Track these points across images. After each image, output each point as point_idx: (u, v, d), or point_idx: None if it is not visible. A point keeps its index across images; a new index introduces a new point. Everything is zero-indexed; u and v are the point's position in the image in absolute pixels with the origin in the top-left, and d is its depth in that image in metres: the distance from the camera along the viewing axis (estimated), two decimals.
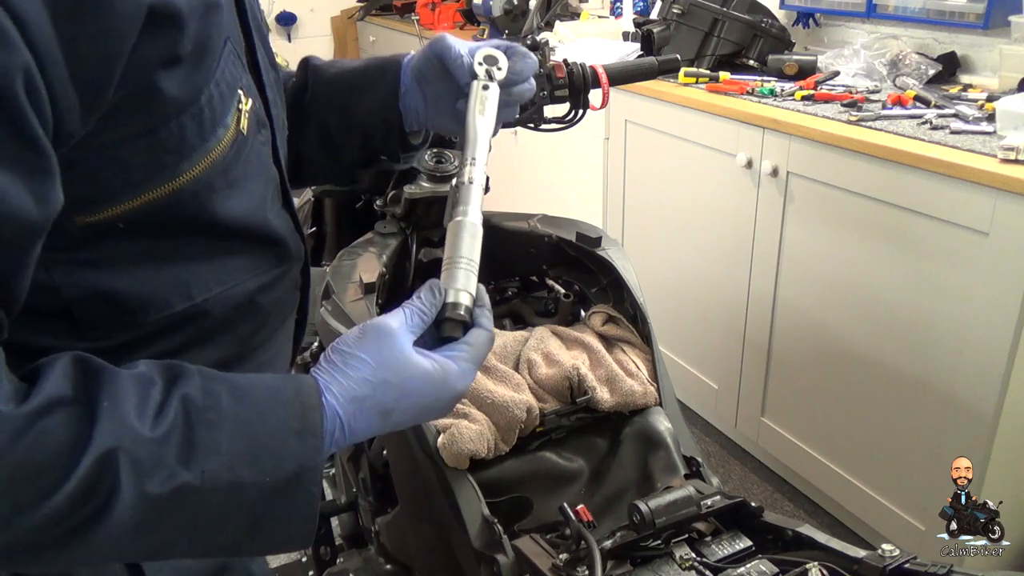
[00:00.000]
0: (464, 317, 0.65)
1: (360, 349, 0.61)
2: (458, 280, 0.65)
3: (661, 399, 1.09)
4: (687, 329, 2.44)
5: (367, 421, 0.61)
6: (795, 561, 0.78)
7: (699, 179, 2.25)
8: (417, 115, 0.85)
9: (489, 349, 0.66)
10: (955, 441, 1.68)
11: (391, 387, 0.61)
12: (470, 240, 0.67)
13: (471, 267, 0.67)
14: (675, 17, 2.40)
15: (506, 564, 0.87)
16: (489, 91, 0.74)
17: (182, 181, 0.59)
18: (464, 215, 0.68)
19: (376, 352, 0.61)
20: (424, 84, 0.82)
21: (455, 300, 0.65)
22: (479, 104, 0.73)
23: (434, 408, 0.64)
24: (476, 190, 0.69)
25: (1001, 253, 1.52)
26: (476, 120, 0.73)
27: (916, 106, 1.91)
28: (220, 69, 0.60)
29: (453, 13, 3.84)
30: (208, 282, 0.66)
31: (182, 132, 0.57)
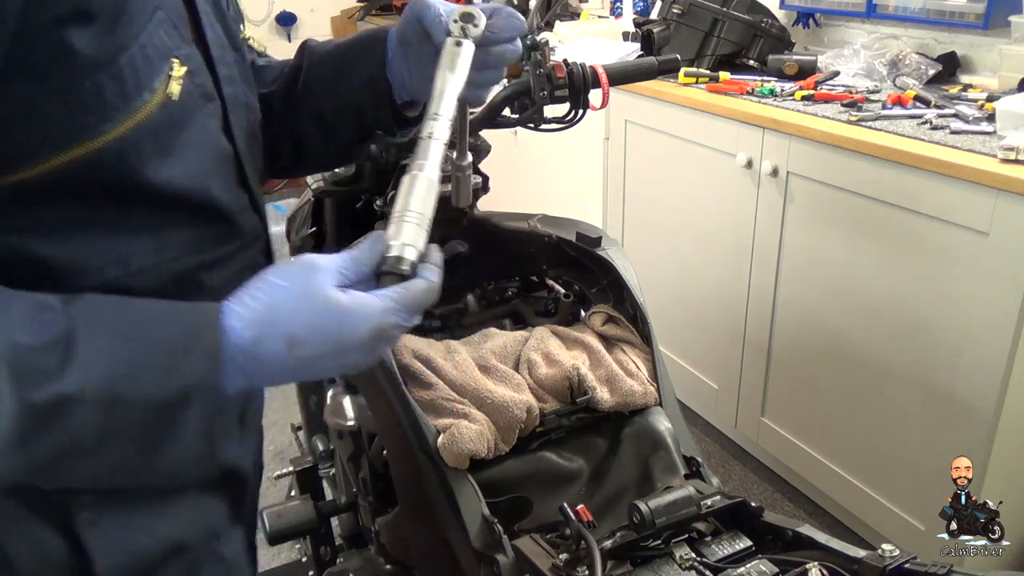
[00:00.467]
0: (406, 271, 0.61)
1: (277, 275, 0.59)
2: (405, 233, 0.61)
3: (661, 399, 1.09)
4: (687, 329, 2.44)
5: (272, 349, 0.57)
6: (795, 561, 0.78)
7: (699, 179, 2.25)
8: (404, 84, 0.82)
9: (427, 300, 0.61)
10: (955, 441, 1.68)
11: (300, 315, 0.57)
12: (424, 194, 0.63)
13: (422, 222, 0.63)
14: (675, 17, 2.40)
15: (506, 564, 0.87)
16: (462, 48, 0.70)
17: (104, 140, 0.59)
18: (420, 169, 0.64)
19: (292, 279, 0.58)
20: (408, 49, 0.79)
21: (399, 254, 0.61)
22: (447, 59, 0.70)
23: (349, 345, 0.58)
24: (436, 145, 0.66)
25: (1001, 253, 1.52)
26: (444, 75, 0.69)
27: (916, 106, 1.91)
28: (147, 34, 0.60)
29: None
30: (144, 253, 0.65)
31: (100, 91, 0.58)
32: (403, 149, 1.32)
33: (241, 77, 0.77)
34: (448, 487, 0.95)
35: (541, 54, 1.23)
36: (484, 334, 1.19)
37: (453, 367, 1.07)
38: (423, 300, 0.61)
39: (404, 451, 1.02)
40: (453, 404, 1.01)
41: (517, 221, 1.34)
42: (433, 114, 0.67)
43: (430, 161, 0.65)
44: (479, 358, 1.11)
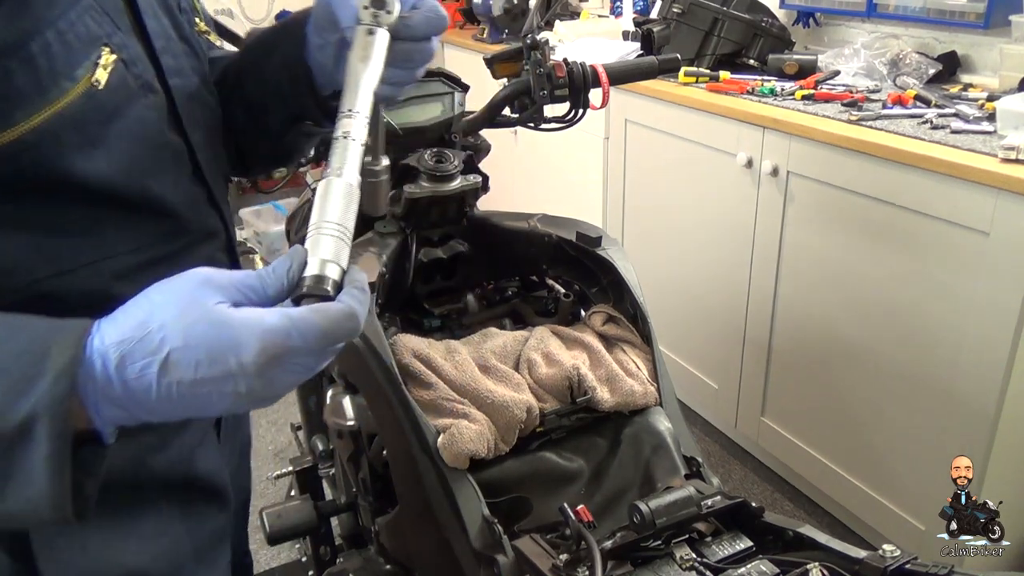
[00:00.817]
0: (328, 293, 0.52)
1: (158, 289, 0.51)
2: (325, 249, 0.53)
3: (661, 399, 1.09)
4: (687, 329, 2.44)
5: (141, 372, 0.48)
6: (796, 562, 0.78)
7: (699, 179, 2.25)
8: (321, 70, 0.75)
9: (344, 330, 0.51)
10: (955, 441, 1.68)
11: (174, 332, 0.48)
12: (343, 202, 0.55)
13: (343, 235, 0.54)
14: (675, 16, 2.39)
15: (506, 564, 0.87)
16: (375, 37, 0.63)
17: (20, 131, 0.56)
18: (338, 173, 0.57)
19: (173, 294, 0.50)
20: (320, 33, 0.73)
21: (319, 272, 0.52)
22: (360, 49, 0.63)
23: (233, 368, 0.48)
24: (354, 146, 0.59)
25: (1001, 253, 1.52)
26: (356, 66, 0.62)
27: (916, 106, 1.91)
28: (67, 20, 0.57)
29: (453, 12, 3.83)
30: (78, 251, 0.62)
31: (9, 77, 0.55)
32: (402, 148, 1.32)
33: (193, 70, 0.74)
34: (448, 487, 0.95)
35: (541, 53, 1.23)
36: (484, 334, 1.19)
37: (453, 367, 1.07)
38: (336, 329, 0.50)
39: (404, 451, 1.02)
40: (453, 404, 1.01)
41: (517, 221, 1.34)
42: (347, 111, 0.60)
43: (348, 164, 0.57)
44: (479, 358, 1.11)
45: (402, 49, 0.66)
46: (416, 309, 1.33)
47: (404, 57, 0.67)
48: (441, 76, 1.36)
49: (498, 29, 3.34)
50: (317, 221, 0.54)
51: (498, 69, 1.31)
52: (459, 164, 1.26)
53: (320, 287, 0.52)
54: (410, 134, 1.31)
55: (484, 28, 3.45)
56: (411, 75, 0.70)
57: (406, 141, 1.31)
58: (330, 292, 0.52)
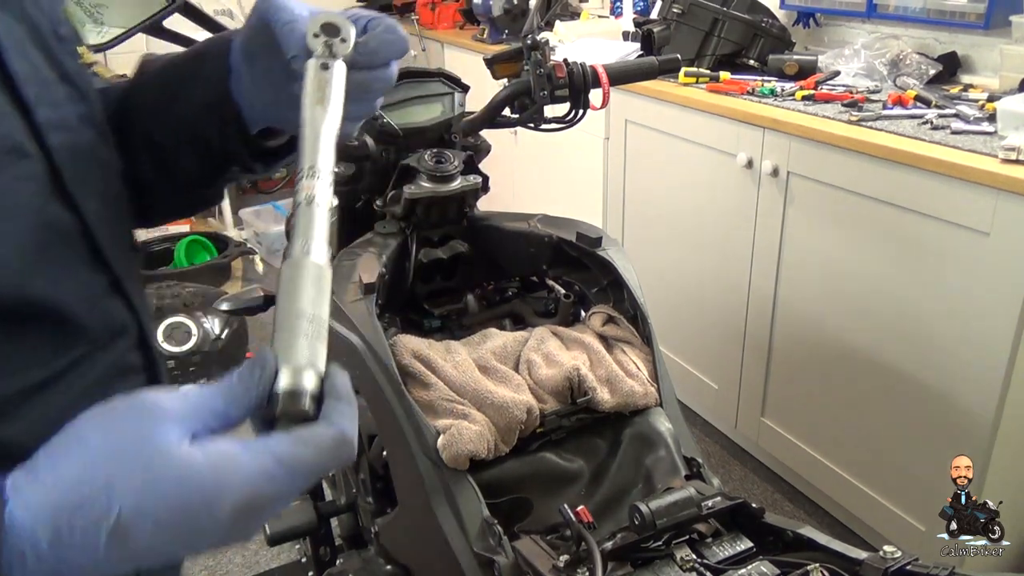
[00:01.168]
0: (307, 413, 0.42)
1: (94, 426, 0.40)
2: (298, 351, 0.43)
3: (661, 399, 1.09)
4: (687, 329, 2.44)
5: (85, 540, 0.37)
6: (796, 563, 0.78)
7: (699, 179, 2.25)
8: (253, 106, 0.62)
9: (335, 458, 0.42)
10: (955, 441, 1.68)
11: (125, 491, 0.38)
12: (314, 289, 0.46)
13: (318, 330, 0.45)
14: (675, 17, 2.39)
15: (506, 565, 0.87)
16: (331, 72, 0.53)
17: None
18: (305, 252, 0.47)
19: (115, 433, 0.39)
20: (255, 64, 0.60)
21: (293, 385, 0.42)
22: (315, 90, 0.53)
23: (204, 526, 0.39)
24: (320, 214, 0.48)
25: (1002, 253, 1.52)
26: (313, 111, 0.52)
27: (917, 106, 1.91)
28: None
29: (453, 13, 3.84)
30: None
31: None
32: (403, 148, 1.32)
33: (81, 120, 0.58)
34: (448, 488, 0.95)
35: (541, 54, 1.23)
36: (484, 334, 1.19)
37: (453, 367, 1.07)
38: (328, 461, 0.42)
39: (404, 452, 1.02)
40: (453, 405, 1.01)
41: (517, 221, 1.34)
42: (308, 168, 0.50)
43: (315, 238, 0.48)
44: (479, 358, 1.11)
45: (359, 80, 0.56)
46: (416, 309, 1.33)
47: (362, 89, 0.56)
48: (441, 76, 1.36)
49: (498, 29, 3.34)
50: (285, 316, 0.45)
51: (498, 69, 1.31)
52: (459, 164, 1.26)
53: (297, 405, 0.42)
54: (410, 134, 1.31)
55: (484, 28, 3.45)
56: (371, 107, 0.60)
57: (406, 141, 1.31)
58: (309, 411, 0.42)
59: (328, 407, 0.43)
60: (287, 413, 0.42)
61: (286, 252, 0.48)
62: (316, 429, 0.42)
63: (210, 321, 2.76)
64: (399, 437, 1.02)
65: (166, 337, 2.69)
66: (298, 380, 0.43)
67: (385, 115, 1.30)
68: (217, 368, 2.73)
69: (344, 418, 0.42)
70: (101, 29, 0.65)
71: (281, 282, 0.46)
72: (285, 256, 0.48)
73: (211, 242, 3.48)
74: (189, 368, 2.70)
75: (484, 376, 1.07)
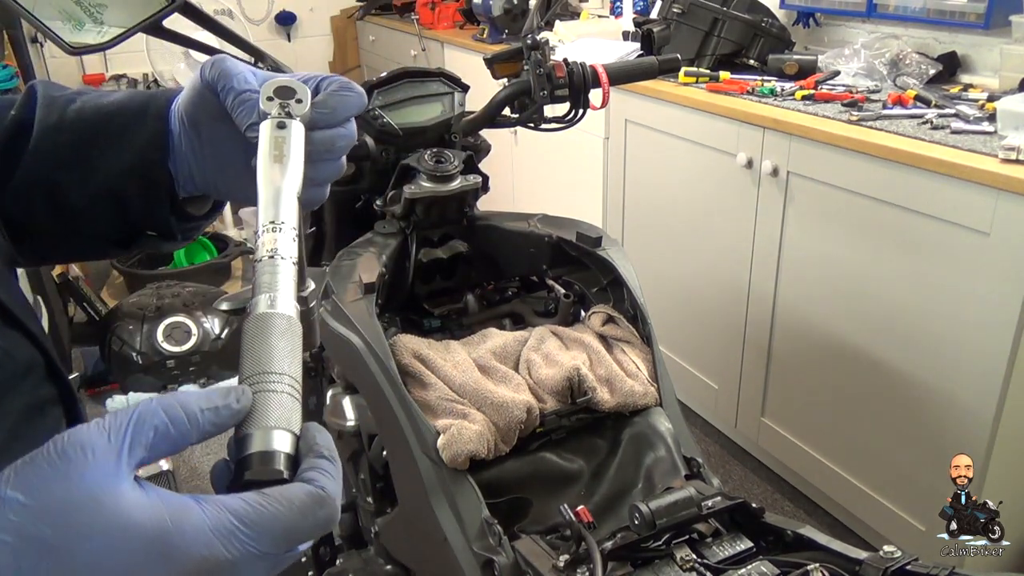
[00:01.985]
0: (278, 472, 0.38)
1: (19, 482, 0.33)
2: (270, 412, 0.40)
3: (661, 399, 1.09)
4: (687, 329, 2.44)
5: None
6: (796, 563, 0.78)
7: (699, 179, 2.25)
8: (192, 175, 0.59)
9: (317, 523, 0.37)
10: (955, 441, 1.68)
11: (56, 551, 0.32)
12: (284, 344, 0.42)
13: (293, 389, 0.41)
14: (675, 16, 2.39)
15: (505, 565, 0.87)
16: (288, 131, 0.52)
17: None
18: (270, 305, 0.44)
19: (43, 484, 0.33)
20: (199, 130, 0.57)
21: (265, 446, 0.38)
22: (272, 148, 0.51)
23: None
24: (285, 267, 0.46)
25: (1002, 253, 1.52)
26: (270, 169, 0.50)
27: (917, 106, 1.91)
28: None
29: (453, 12, 3.83)
30: None
31: None
32: (402, 148, 1.32)
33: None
34: (448, 488, 0.95)
35: (541, 53, 1.23)
36: (484, 334, 1.19)
37: (453, 367, 1.07)
38: (305, 522, 0.37)
39: (404, 452, 1.02)
40: (453, 404, 1.01)
41: (517, 221, 1.34)
42: (269, 223, 0.48)
43: (281, 292, 0.45)
44: (479, 358, 1.11)
45: (321, 139, 0.54)
46: (416, 309, 1.33)
47: (325, 148, 0.54)
48: (441, 76, 1.36)
49: (498, 29, 3.34)
50: (254, 372, 0.41)
51: (498, 69, 1.31)
52: (459, 164, 1.26)
53: (269, 467, 0.38)
54: (410, 134, 1.31)
55: (484, 28, 3.45)
56: (338, 167, 0.57)
57: (406, 141, 1.31)
58: (283, 472, 0.38)
59: (306, 465, 0.38)
60: (259, 477, 0.38)
61: (248, 308, 0.44)
62: (290, 487, 0.37)
63: (210, 321, 2.76)
64: (399, 437, 1.02)
65: (166, 337, 2.69)
66: (269, 441, 0.39)
67: (385, 115, 1.30)
68: (217, 368, 2.73)
69: (324, 476, 0.38)
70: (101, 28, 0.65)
71: (246, 338, 0.42)
72: (248, 313, 0.44)
73: (211, 242, 3.48)
74: (189, 368, 2.70)
75: (484, 376, 1.07)
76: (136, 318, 2.69)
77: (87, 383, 2.74)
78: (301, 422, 0.41)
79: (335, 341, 1.12)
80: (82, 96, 0.61)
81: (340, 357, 1.19)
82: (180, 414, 0.37)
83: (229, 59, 0.55)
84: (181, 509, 0.34)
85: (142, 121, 0.58)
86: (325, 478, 0.38)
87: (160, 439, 0.36)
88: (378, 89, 1.31)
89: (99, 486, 0.33)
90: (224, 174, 0.58)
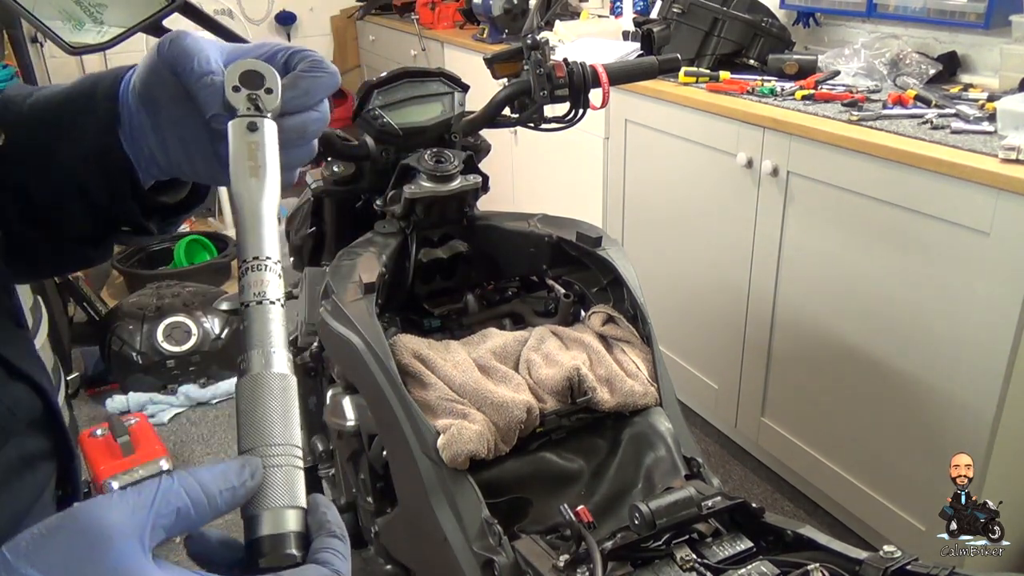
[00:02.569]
0: (292, 556, 0.38)
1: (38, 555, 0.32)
2: (275, 491, 0.38)
3: (661, 399, 1.09)
4: (687, 329, 2.44)
5: None
6: (796, 562, 0.78)
7: (699, 179, 2.24)
8: (155, 159, 0.54)
9: None
10: (955, 441, 1.68)
11: None
12: (280, 408, 0.40)
13: (294, 458, 0.40)
14: (675, 16, 2.39)
15: (505, 565, 0.87)
16: (260, 132, 0.46)
17: None
18: (265, 365, 0.41)
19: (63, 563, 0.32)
20: (155, 111, 0.52)
21: (275, 528, 0.38)
22: (245, 158, 0.45)
23: None
24: (275, 314, 0.43)
25: (1002, 253, 1.52)
26: (247, 185, 0.45)
27: (917, 106, 1.91)
28: None
29: (453, 12, 3.83)
30: None
31: None
32: (402, 148, 1.32)
33: None
34: (448, 488, 0.95)
35: (541, 53, 1.24)
36: (484, 334, 1.19)
37: (453, 367, 1.07)
38: None
39: (404, 451, 1.02)
40: (453, 404, 1.01)
41: (517, 221, 1.34)
42: (252, 259, 0.44)
43: (275, 347, 0.42)
44: (479, 358, 1.11)
45: (293, 125, 0.49)
46: (416, 309, 1.33)
47: (298, 133, 0.50)
48: (441, 76, 1.36)
49: (498, 29, 3.34)
50: (254, 442, 0.39)
51: (498, 69, 1.31)
52: (459, 164, 1.26)
53: (282, 552, 0.37)
54: (410, 134, 1.31)
55: (484, 28, 3.45)
56: (309, 152, 0.53)
57: (406, 141, 1.31)
58: (296, 556, 0.38)
59: (318, 545, 0.38)
60: (273, 564, 0.37)
61: (241, 364, 0.42)
62: (306, 571, 0.37)
63: (210, 321, 2.76)
64: (399, 437, 1.02)
65: (166, 337, 2.69)
66: (279, 522, 0.38)
67: (385, 115, 1.30)
68: (217, 368, 2.73)
69: (335, 557, 0.38)
70: (101, 28, 0.65)
71: (241, 401, 0.40)
72: (241, 370, 0.42)
73: (211, 242, 3.48)
74: (189, 368, 2.70)
75: (484, 376, 1.07)
76: (136, 318, 2.69)
77: (87, 383, 2.73)
78: (305, 491, 0.40)
79: (335, 341, 1.12)
80: (39, 90, 0.57)
81: (340, 357, 1.19)
82: (201, 497, 0.36)
83: (190, 36, 0.50)
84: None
85: (91, 105, 0.54)
86: (338, 560, 0.38)
87: (180, 520, 0.36)
88: (378, 89, 1.31)
89: (122, 571, 0.32)
90: (189, 156, 0.53)
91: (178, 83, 0.49)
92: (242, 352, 0.43)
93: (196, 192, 0.61)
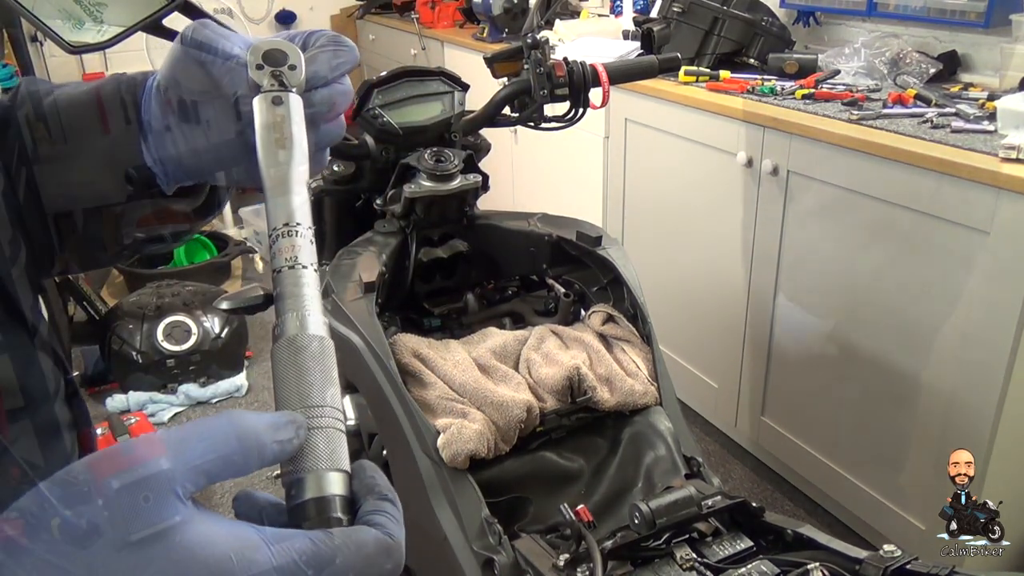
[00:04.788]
0: (339, 521, 0.36)
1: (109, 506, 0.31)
2: (317, 453, 0.36)
3: (661, 399, 1.09)
4: (687, 328, 2.44)
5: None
6: (796, 562, 0.78)
7: (699, 178, 2.24)
8: (179, 160, 0.53)
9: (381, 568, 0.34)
10: (955, 441, 1.68)
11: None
12: (319, 371, 0.39)
13: (336, 421, 0.38)
14: (675, 15, 2.39)
15: (505, 564, 0.87)
16: (286, 106, 0.46)
17: None
18: (300, 327, 0.40)
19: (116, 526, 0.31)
20: (182, 103, 0.52)
21: (320, 491, 0.36)
22: (271, 130, 0.45)
23: None
24: (309, 278, 0.42)
25: (1002, 252, 1.52)
26: (274, 156, 0.45)
27: (917, 105, 1.90)
28: None
29: (453, 11, 3.83)
30: None
31: None
32: (402, 147, 1.32)
33: None
34: (448, 487, 0.95)
35: (541, 53, 1.23)
36: (484, 334, 1.19)
37: (453, 367, 1.07)
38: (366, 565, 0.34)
39: (404, 451, 1.02)
40: (453, 404, 1.01)
41: (517, 221, 1.34)
42: (284, 227, 0.43)
43: (309, 309, 0.41)
44: (479, 358, 1.11)
45: (321, 99, 0.49)
46: (416, 309, 1.33)
47: (327, 106, 0.49)
48: (441, 75, 1.36)
49: (498, 28, 3.34)
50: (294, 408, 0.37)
51: (498, 68, 1.31)
52: (459, 163, 1.26)
53: (327, 515, 0.35)
54: (410, 133, 1.31)
55: (484, 27, 3.45)
56: (339, 127, 0.52)
57: (406, 140, 1.31)
58: (343, 519, 0.36)
59: (368, 507, 0.36)
60: (318, 526, 0.35)
61: (276, 330, 0.40)
62: (358, 529, 0.35)
63: (210, 320, 2.76)
64: (399, 436, 1.02)
65: (166, 336, 2.69)
66: (323, 485, 0.36)
67: (385, 114, 1.30)
68: (217, 367, 2.73)
69: (389, 520, 0.35)
70: (101, 27, 0.64)
71: (279, 365, 0.39)
72: (275, 335, 0.40)
73: (211, 241, 3.48)
74: (189, 367, 2.70)
75: (484, 375, 1.07)
76: (136, 317, 2.69)
77: (87, 382, 2.73)
78: (348, 455, 0.38)
79: (335, 340, 1.12)
80: (59, 88, 0.57)
81: (340, 356, 1.19)
82: (252, 444, 0.34)
83: (212, 24, 0.51)
84: (246, 545, 0.32)
85: (114, 106, 0.54)
86: (392, 523, 0.35)
87: (226, 466, 0.34)
88: (378, 88, 1.31)
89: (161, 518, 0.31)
90: (218, 152, 0.52)
91: (203, 70, 0.49)
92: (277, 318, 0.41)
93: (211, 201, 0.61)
